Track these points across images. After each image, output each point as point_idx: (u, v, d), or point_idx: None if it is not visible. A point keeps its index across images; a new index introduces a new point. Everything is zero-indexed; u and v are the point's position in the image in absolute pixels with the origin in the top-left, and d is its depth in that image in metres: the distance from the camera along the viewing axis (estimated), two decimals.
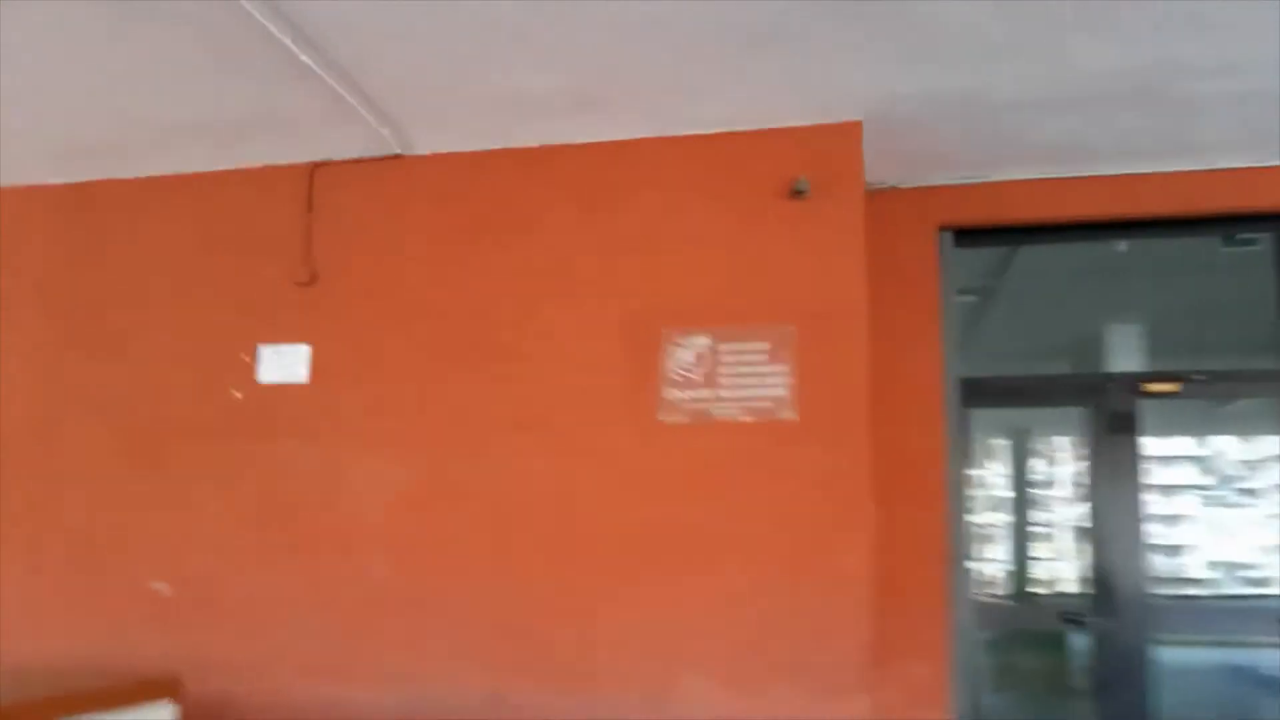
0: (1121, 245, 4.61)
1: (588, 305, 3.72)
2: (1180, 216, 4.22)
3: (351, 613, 3.70)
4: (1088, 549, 4.30)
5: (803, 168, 3.64)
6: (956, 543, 4.07)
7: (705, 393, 3.57)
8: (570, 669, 3.47)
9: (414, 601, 3.65)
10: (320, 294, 3.98)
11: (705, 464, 3.51)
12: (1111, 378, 4.46)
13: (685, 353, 3.62)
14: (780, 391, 3.51)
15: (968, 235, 4.47)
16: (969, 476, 4.33)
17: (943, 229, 4.42)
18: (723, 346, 3.60)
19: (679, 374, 3.61)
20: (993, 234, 4.53)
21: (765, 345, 3.56)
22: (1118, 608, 4.14)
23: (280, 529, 3.81)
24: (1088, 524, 4.32)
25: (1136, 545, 4.20)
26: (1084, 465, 4.40)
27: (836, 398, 3.47)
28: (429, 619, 3.62)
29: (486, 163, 3.93)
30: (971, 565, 4.21)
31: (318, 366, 3.92)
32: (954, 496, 4.13)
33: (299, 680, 3.68)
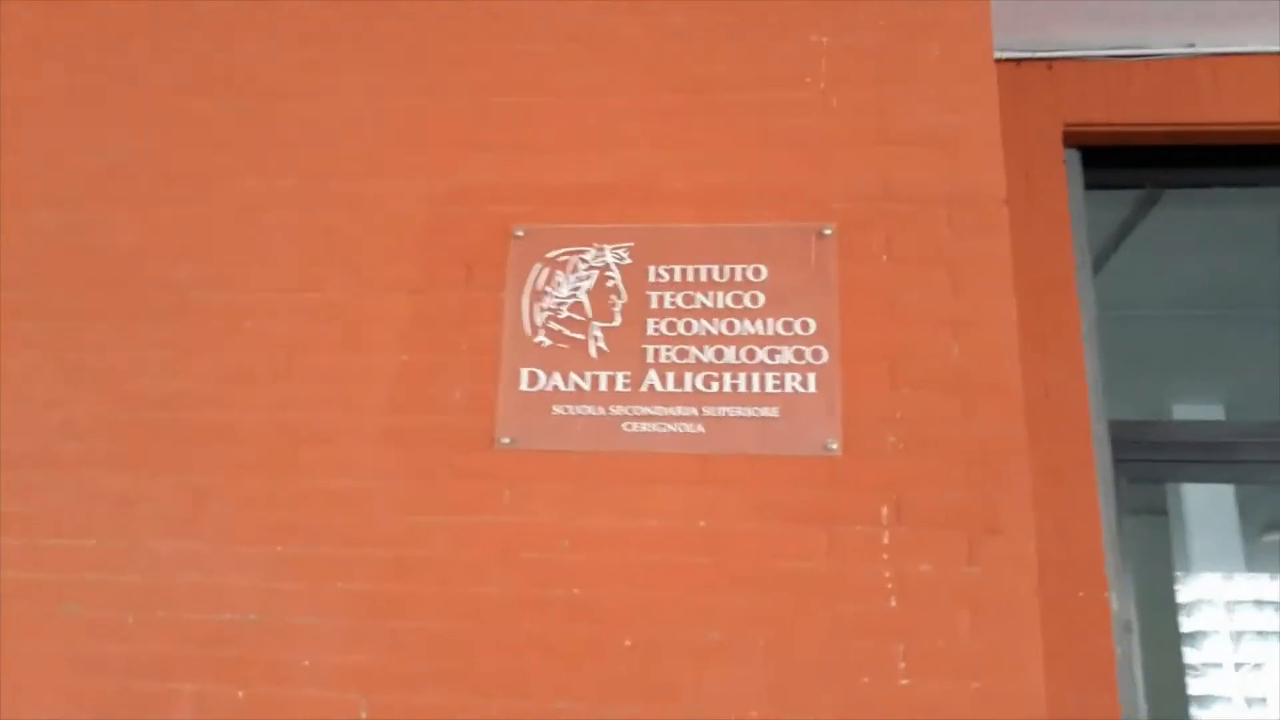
0: None
1: (342, 170, 1.59)
2: None
3: None
4: None
5: None
6: None
7: (615, 379, 1.43)
8: None
9: None
10: None
11: (619, 570, 1.34)
12: None
13: (567, 282, 1.49)
14: (798, 383, 1.39)
15: (1102, 158, 2.47)
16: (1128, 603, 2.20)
17: (1069, 142, 2.42)
18: (659, 271, 1.48)
19: (552, 331, 1.47)
20: (1144, 157, 2.52)
21: (760, 269, 1.46)
22: None
23: None
24: None
25: None
26: None
27: (949, 399, 1.35)
28: None
29: None
30: None
31: None
32: (1122, 644, 1.99)
33: None
